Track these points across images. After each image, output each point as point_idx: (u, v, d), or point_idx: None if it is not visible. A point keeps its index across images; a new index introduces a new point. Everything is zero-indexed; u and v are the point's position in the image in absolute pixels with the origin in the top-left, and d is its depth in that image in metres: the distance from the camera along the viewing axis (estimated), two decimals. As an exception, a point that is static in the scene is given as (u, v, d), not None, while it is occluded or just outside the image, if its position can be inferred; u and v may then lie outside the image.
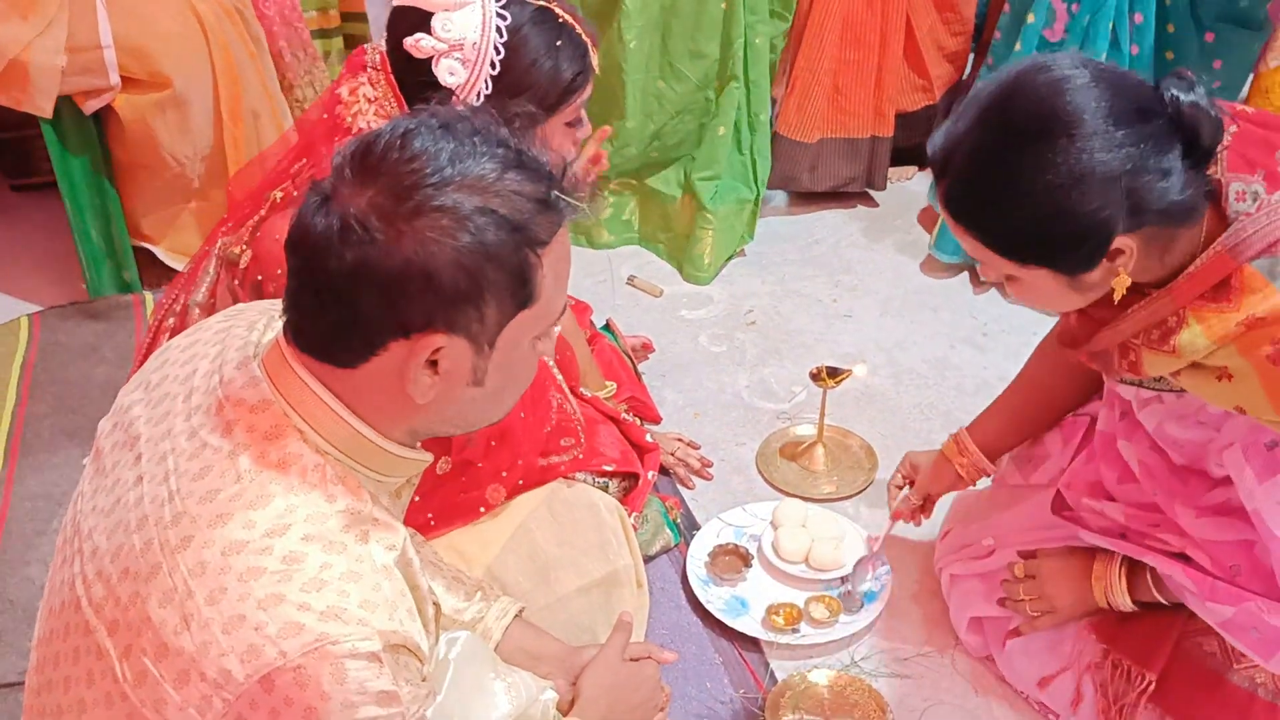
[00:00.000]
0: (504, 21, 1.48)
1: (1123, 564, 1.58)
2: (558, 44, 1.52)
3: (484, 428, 1.60)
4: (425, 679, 1.02)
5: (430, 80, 1.47)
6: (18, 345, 2.59)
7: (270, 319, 1.10)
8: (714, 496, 2.16)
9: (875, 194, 3.13)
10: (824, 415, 2.22)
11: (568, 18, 1.55)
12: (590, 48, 1.58)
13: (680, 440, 2.23)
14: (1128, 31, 2.61)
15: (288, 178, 1.57)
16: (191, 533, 0.94)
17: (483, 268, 0.94)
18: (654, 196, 2.91)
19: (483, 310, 0.96)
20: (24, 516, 2.11)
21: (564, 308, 1.06)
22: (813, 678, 1.76)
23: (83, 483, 1.09)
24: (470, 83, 1.47)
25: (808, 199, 3.13)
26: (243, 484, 0.96)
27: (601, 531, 1.76)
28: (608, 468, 1.91)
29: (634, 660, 1.46)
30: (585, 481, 1.86)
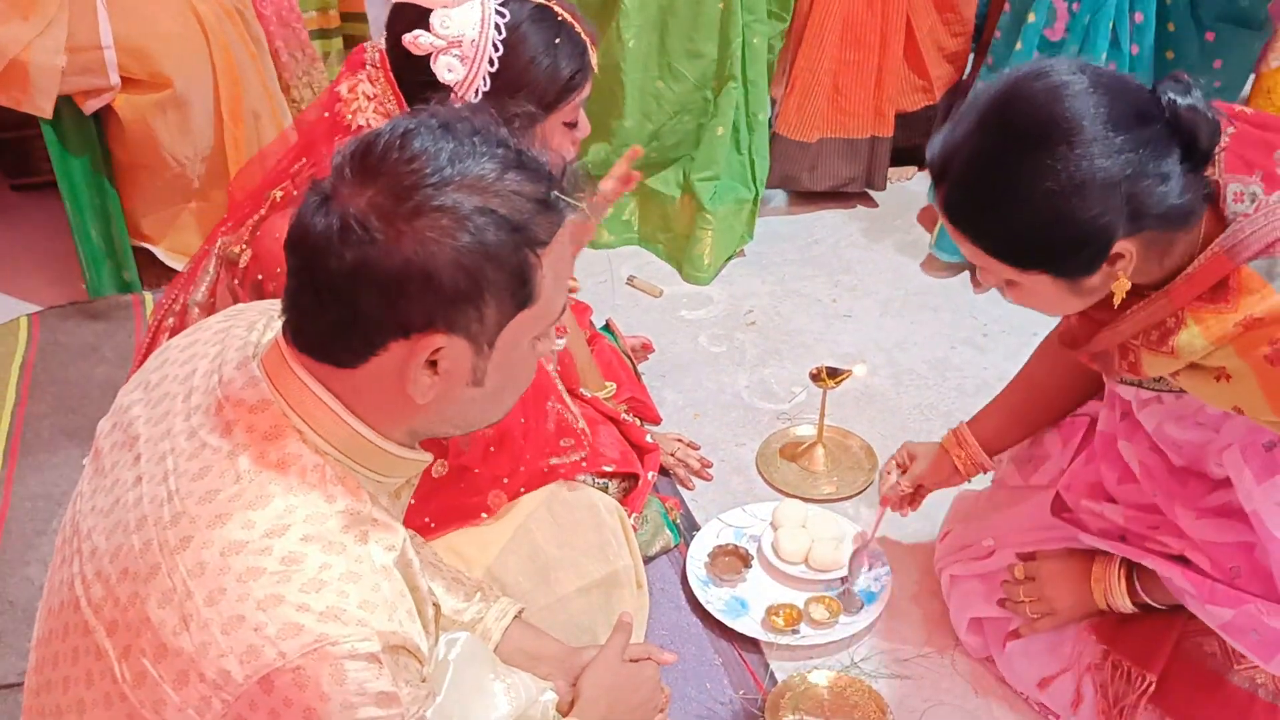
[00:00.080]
0: (503, 19, 1.48)
1: (1121, 566, 1.58)
2: (556, 42, 1.52)
3: (481, 434, 1.62)
4: (425, 680, 1.02)
5: (429, 77, 1.47)
6: (17, 345, 2.58)
7: (270, 319, 1.10)
8: (714, 497, 2.16)
9: (875, 194, 3.13)
10: (824, 416, 2.22)
11: (567, 16, 1.55)
12: (589, 46, 1.58)
13: (680, 441, 2.23)
14: (1128, 31, 2.61)
15: (287, 177, 1.57)
16: (191, 533, 0.94)
17: (482, 268, 0.94)
18: (653, 197, 2.91)
19: (482, 310, 0.96)
20: (24, 516, 2.11)
21: (564, 308, 1.06)
22: (813, 679, 1.76)
23: (82, 483, 1.09)
24: (468, 80, 1.47)
25: (807, 199, 3.12)
26: (242, 484, 0.96)
27: (601, 532, 1.76)
28: (607, 468, 1.91)
29: (634, 661, 1.45)
30: (585, 482, 1.85)
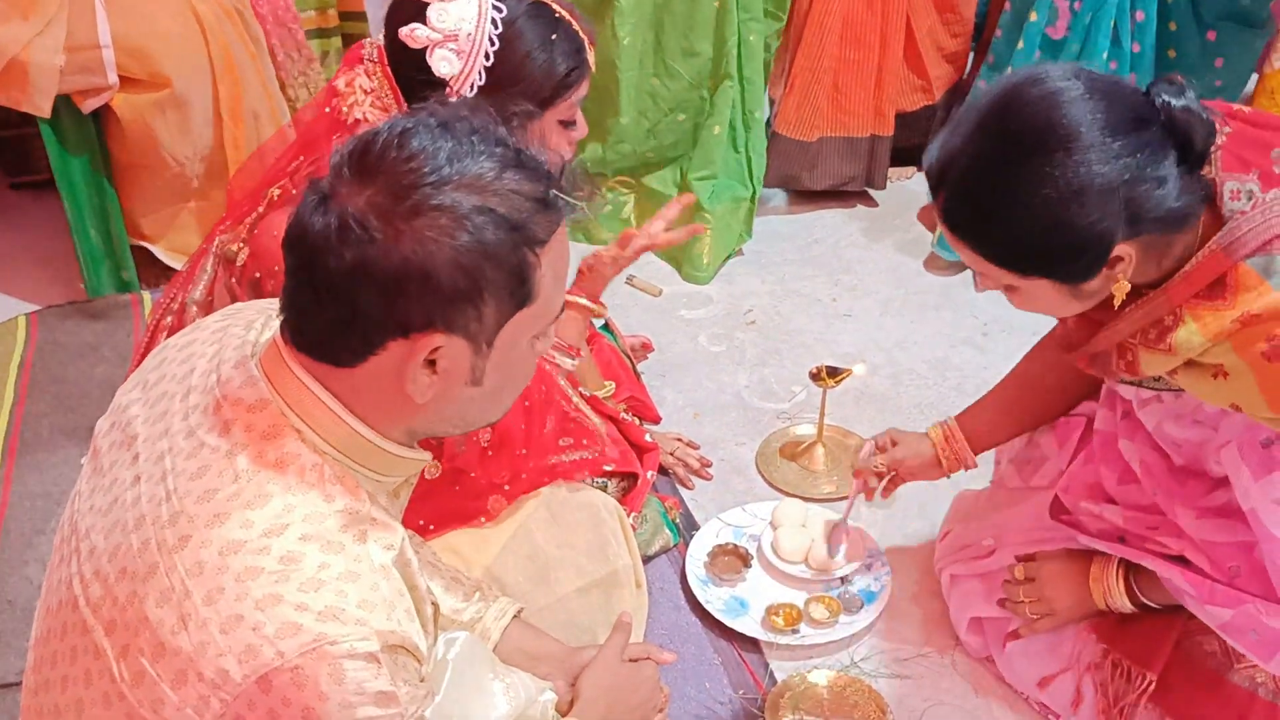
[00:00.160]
0: (499, 14, 1.48)
1: (1120, 566, 1.58)
2: (553, 38, 1.52)
3: (478, 438, 1.62)
4: (423, 679, 1.02)
5: (426, 71, 1.47)
6: (16, 345, 2.58)
7: (268, 318, 1.09)
8: (713, 496, 2.16)
9: (875, 193, 3.13)
10: (824, 415, 2.22)
11: (564, 13, 1.55)
12: (586, 45, 1.58)
13: (679, 440, 2.23)
14: (1129, 29, 2.61)
15: (285, 175, 1.56)
16: (189, 532, 0.94)
17: (481, 267, 0.94)
18: (651, 196, 2.91)
19: (481, 309, 0.96)
20: (22, 516, 2.10)
21: (562, 307, 1.06)
22: (812, 678, 1.76)
23: (80, 482, 1.09)
24: (464, 74, 1.47)
25: (807, 198, 3.12)
26: (240, 483, 0.96)
27: (600, 532, 1.76)
28: (607, 467, 1.91)
29: (633, 661, 1.45)
30: (584, 481, 1.85)
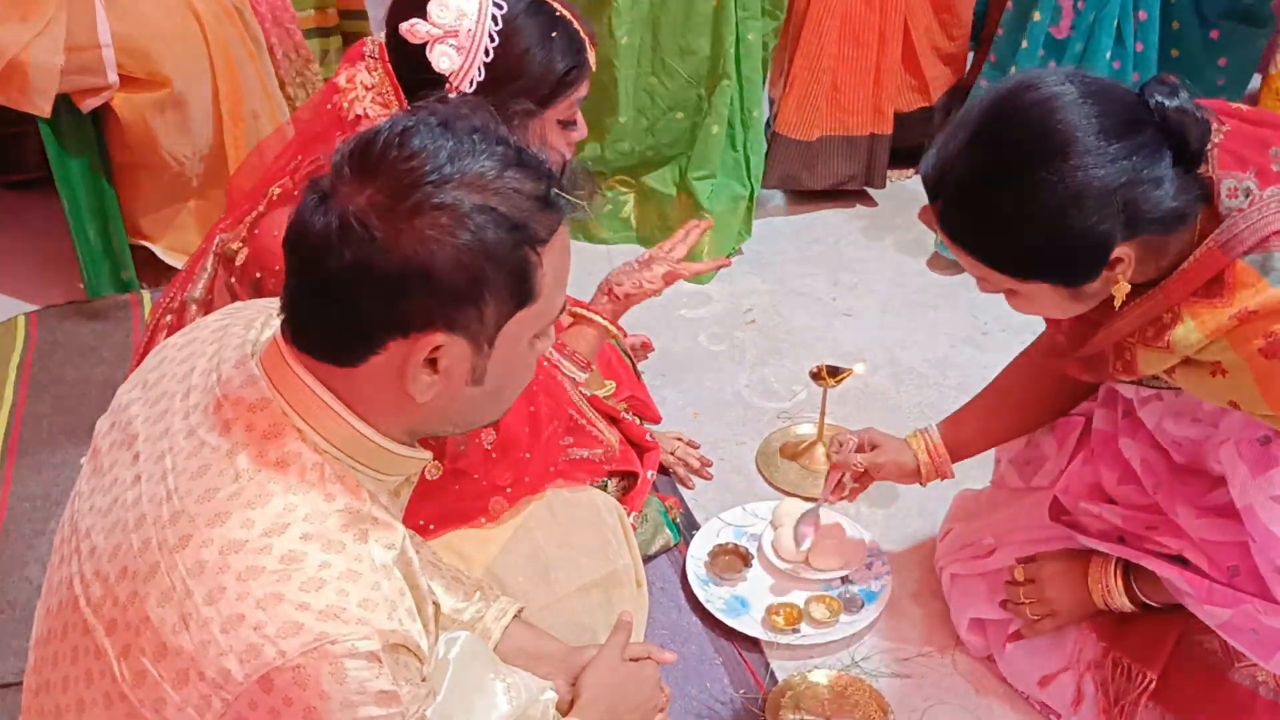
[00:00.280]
0: (500, 10, 1.48)
1: (1119, 566, 1.58)
2: (552, 35, 1.52)
3: (480, 440, 1.62)
4: (425, 679, 1.02)
5: (426, 67, 1.46)
6: (15, 345, 2.58)
7: (268, 317, 1.09)
8: (714, 496, 2.16)
9: (875, 192, 3.13)
10: (824, 414, 2.21)
11: (565, 13, 1.55)
12: (587, 44, 1.57)
13: (680, 439, 2.22)
14: (1132, 28, 2.61)
15: (285, 173, 1.56)
16: (190, 532, 0.94)
17: (482, 266, 0.94)
18: (651, 195, 2.91)
19: (482, 309, 0.96)
20: (22, 516, 2.10)
21: (563, 306, 1.06)
22: (813, 678, 1.75)
23: (80, 482, 1.09)
24: (464, 69, 1.47)
25: (807, 198, 3.12)
26: (241, 483, 0.96)
27: (601, 531, 1.76)
28: (607, 466, 1.91)
29: (634, 660, 1.45)
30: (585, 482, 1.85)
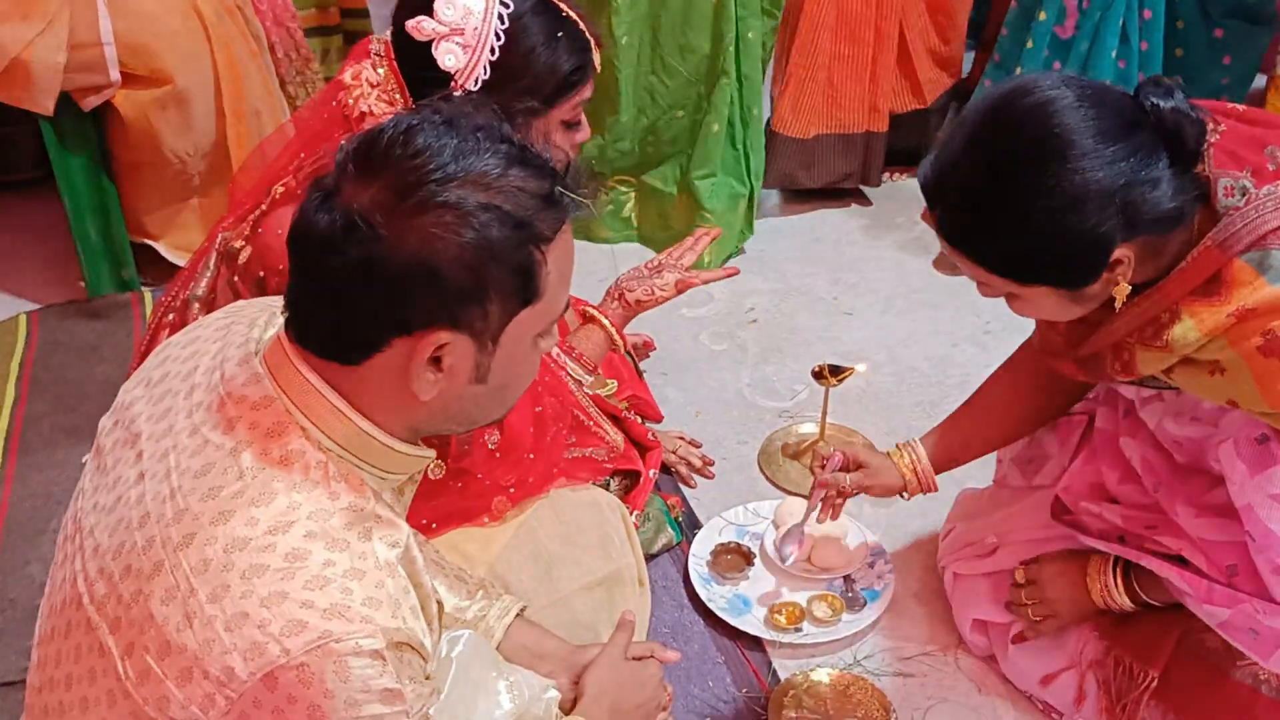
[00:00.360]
0: (506, 9, 1.48)
1: (1118, 565, 1.58)
2: (558, 35, 1.52)
3: (484, 440, 1.62)
4: (429, 677, 1.02)
5: (431, 65, 1.46)
6: (16, 344, 2.58)
7: (272, 315, 1.09)
8: (716, 495, 2.16)
9: (875, 191, 3.12)
10: (826, 413, 2.21)
11: (571, 13, 1.55)
12: (592, 45, 1.58)
13: (682, 438, 2.22)
14: (1137, 27, 2.61)
15: (289, 172, 1.56)
16: (194, 530, 0.94)
17: (486, 264, 0.94)
18: (652, 194, 2.91)
19: (486, 307, 0.96)
20: (24, 515, 2.10)
21: (567, 304, 1.06)
22: (815, 677, 1.75)
23: (83, 480, 1.09)
24: (469, 68, 1.47)
25: (804, 197, 3.12)
26: (245, 481, 0.96)
27: (603, 530, 1.76)
28: (609, 465, 1.91)
29: (636, 659, 1.45)
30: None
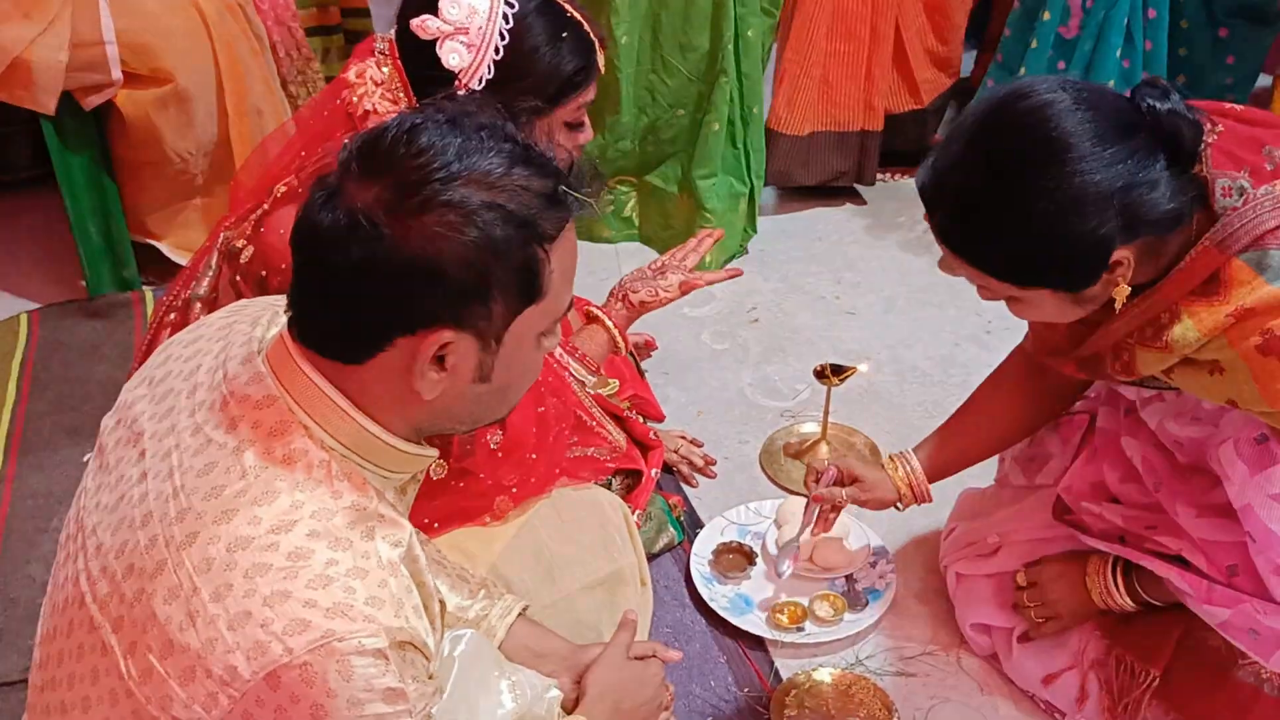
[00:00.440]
0: (511, 9, 1.48)
1: (1118, 565, 1.58)
2: (562, 35, 1.52)
3: (487, 440, 1.62)
4: (431, 676, 1.02)
5: (436, 64, 1.46)
6: (17, 343, 2.58)
7: (274, 314, 1.09)
8: (717, 494, 2.16)
9: (875, 190, 3.12)
10: (828, 413, 2.21)
11: (576, 14, 1.55)
12: (596, 46, 1.58)
13: (684, 438, 2.22)
14: (1141, 27, 2.61)
15: (291, 171, 1.56)
16: (197, 529, 0.94)
17: (490, 263, 0.94)
18: (653, 194, 2.91)
19: (490, 306, 0.96)
20: (24, 515, 2.10)
21: (570, 304, 1.06)
22: (817, 676, 1.75)
23: (86, 479, 1.09)
24: (473, 67, 1.47)
25: (800, 195, 3.12)
26: (248, 480, 0.95)
27: (605, 529, 1.75)
28: (611, 465, 1.91)
29: (638, 658, 1.45)
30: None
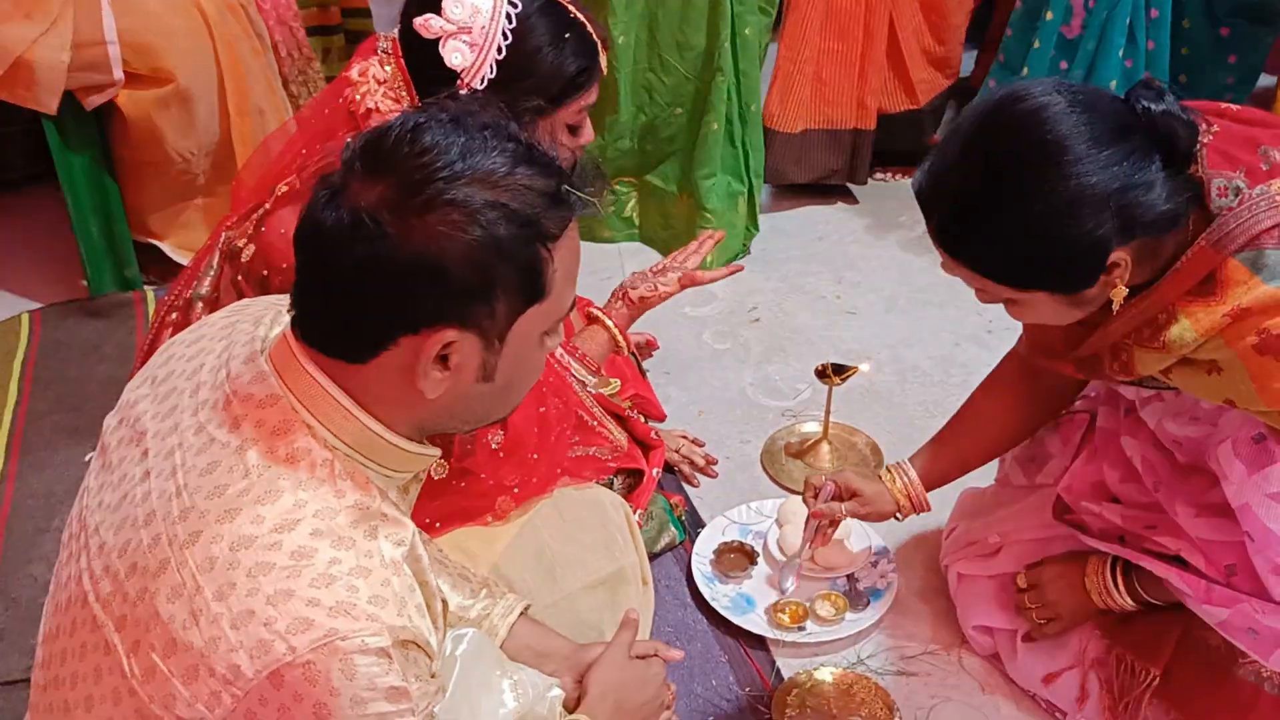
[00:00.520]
0: (514, 9, 1.48)
1: (1118, 565, 1.58)
2: (565, 36, 1.52)
3: (488, 440, 1.62)
4: (434, 675, 1.02)
5: (439, 63, 1.46)
6: (18, 343, 2.58)
7: (277, 314, 1.09)
8: (719, 494, 2.16)
9: (875, 190, 3.12)
10: (829, 412, 2.21)
11: (579, 15, 1.55)
12: (599, 48, 1.57)
13: (685, 437, 2.22)
14: (1144, 27, 2.61)
15: (292, 170, 1.56)
16: (200, 528, 0.94)
17: (493, 262, 0.94)
18: (654, 193, 2.91)
19: (493, 305, 0.96)
20: (26, 514, 2.10)
21: (573, 303, 1.06)
22: (819, 675, 1.75)
23: (88, 479, 1.09)
24: (476, 66, 1.47)
25: (794, 193, 3.12)
26: (251, 479, 0.95)
27: (607, 529, 1.76)
28: (613, 464, 1.91)
29: (640, 658, 1.45)
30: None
